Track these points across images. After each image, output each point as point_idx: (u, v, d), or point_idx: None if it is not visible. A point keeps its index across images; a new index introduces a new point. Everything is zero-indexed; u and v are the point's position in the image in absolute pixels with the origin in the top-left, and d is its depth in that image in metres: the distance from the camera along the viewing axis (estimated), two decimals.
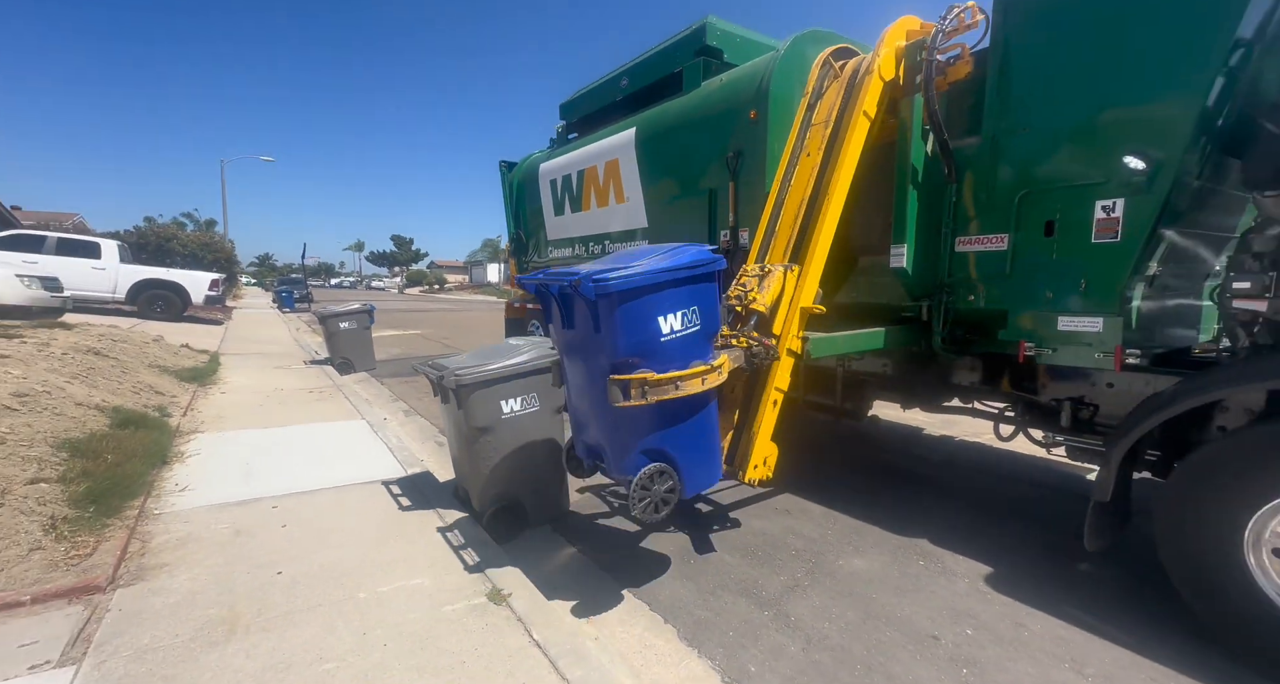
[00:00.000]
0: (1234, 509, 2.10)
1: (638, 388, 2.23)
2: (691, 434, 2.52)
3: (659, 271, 2.30)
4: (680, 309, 2.38)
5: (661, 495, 2.45)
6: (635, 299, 2.27)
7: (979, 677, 2.11)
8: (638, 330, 2.29)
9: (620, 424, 2.45)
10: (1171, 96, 2.42)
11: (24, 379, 4.45)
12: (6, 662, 1.97)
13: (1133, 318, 2.69)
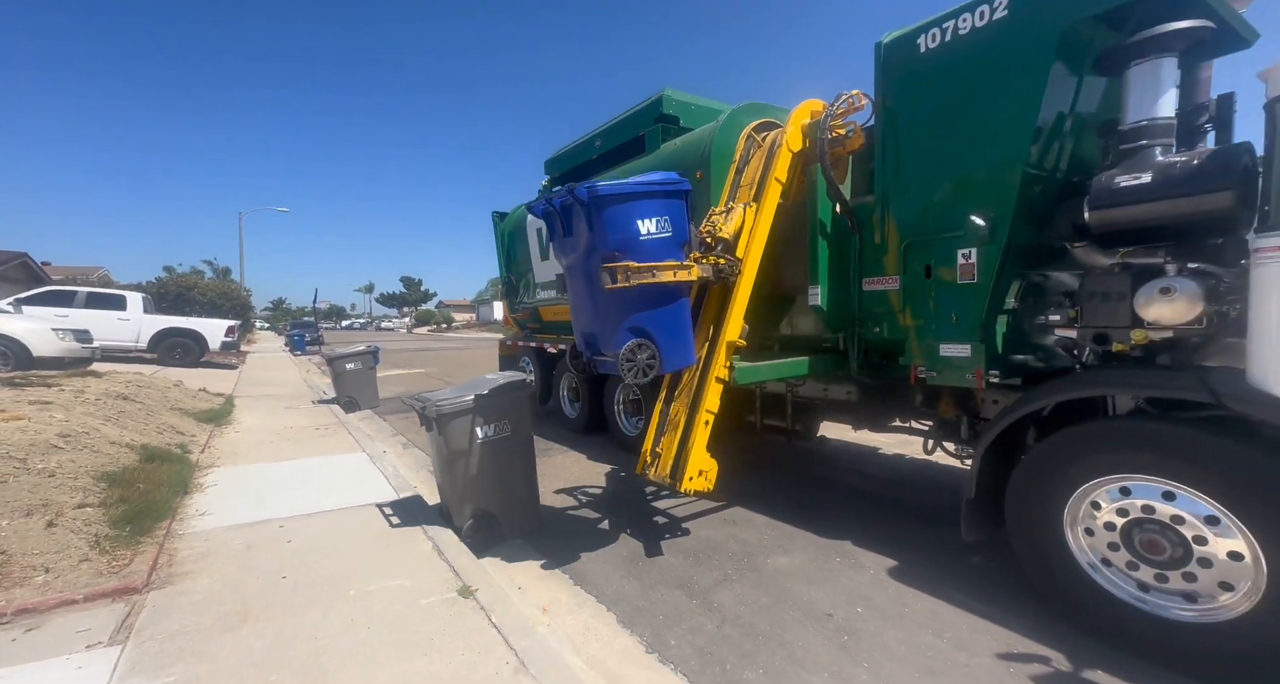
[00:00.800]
0: (1056, 497, 2.56)
1: (622, 273, 2.95)
2: (667, 319, 3.21)
3: (637, 184, 3.09)
4: (654, 216, 3.13)
5: (644, 363, 3.12)
6: (619, 203, 3.03)
7: (855, 641, 2.54)
8: (621, 228, 3.02)
9: (610, 308, 3.13)
10: (999, 169, 3.01)
11: (66, 422, 5.05)
12: (68, 642, 2.46)
13: (997, 344, 3.21)
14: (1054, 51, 2.77)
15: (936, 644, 2.53)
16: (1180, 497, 2.26)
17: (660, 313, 3.20)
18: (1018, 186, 2.95)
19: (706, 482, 3.46)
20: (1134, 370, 2.60)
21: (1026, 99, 2.89)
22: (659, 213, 3.17)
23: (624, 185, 3.11)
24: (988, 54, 3.02)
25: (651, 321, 3.17)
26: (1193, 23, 2.47)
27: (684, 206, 3.33)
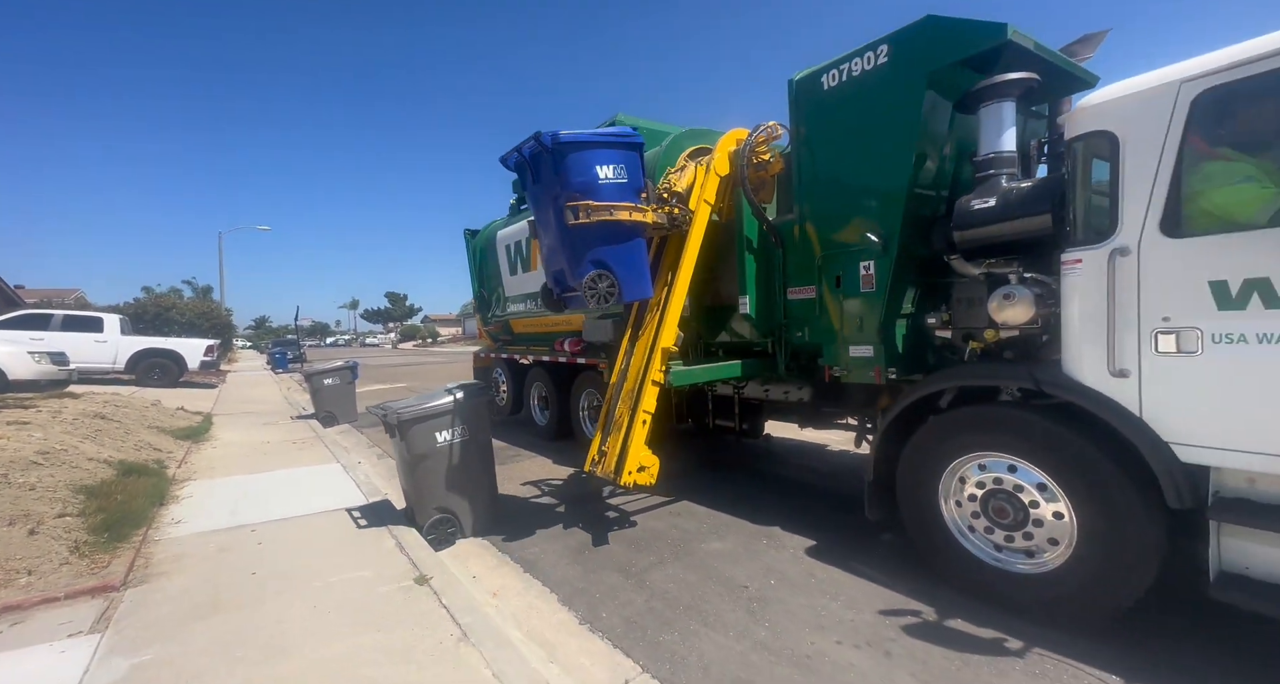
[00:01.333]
0: (932, 475, 2.96)
1: (584, 210, 3.49)
2: (625, 254, 3.76)
3: (596, 133, 3.67)
4: (612, 164, 3.70)
5: (604, 291, 3.63)
6: (580, 150, 3.62)
7: (763, 607, 2.90)
8: (582, 173, 3.59)
9: (574, 243, 3.65)
10: (887, 191, 3.44)
11: (45, 440, 5.26)
12: (52, 632, 2.72)
13: (896, 345, 3.62)
14: (923, 92, 3.21)
15: (831, 606, 2.90)
16: (1020, 469, 2.67)
17: (619, 248, 3.75)
18: (903, 207, 3.37)
19: (648, 476, 3.81)
20: (981, 365, 3.02)
21: (905, 132, 3.33)
22: (616, 161, 3.76)
23: (584, 134, 3.69)
24: (875, 93, 3.47)
25: (611, 255, 3.71)
26: (1020, 75, 2.92)
27: (638, 158, 3.92)
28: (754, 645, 2.61)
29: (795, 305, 4.18)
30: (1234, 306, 2.07)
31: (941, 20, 3.14)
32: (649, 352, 4.09)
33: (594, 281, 3.65)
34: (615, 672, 2.49)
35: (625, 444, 3.82)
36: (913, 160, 3.34)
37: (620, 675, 2.46)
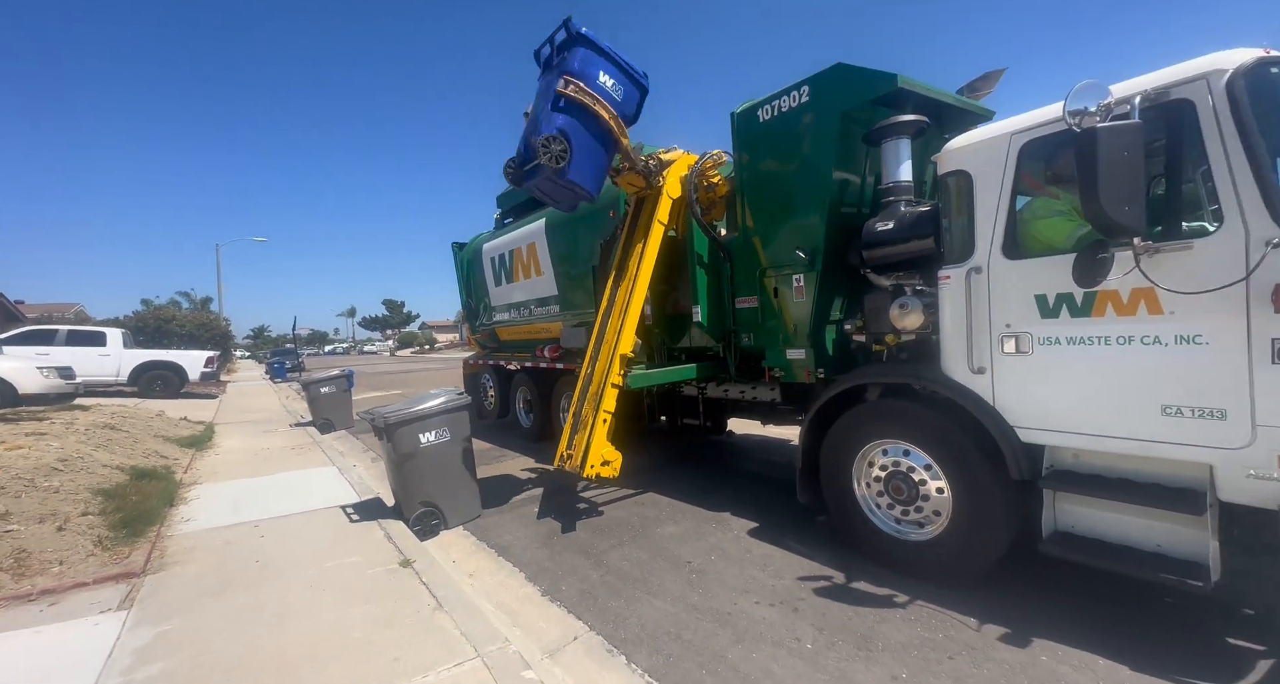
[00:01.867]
0: (846, 460, 3.42)
1: (574, 86, 4.00)
2: (588, 141, 4.14)
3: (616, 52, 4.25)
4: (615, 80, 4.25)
5: (557, 153, 3.98)
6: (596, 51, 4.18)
7: (701, 578, 3.36)
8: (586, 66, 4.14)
9: (553, 111, 4.02)
10: (811, 213, 3.91)
11: (62, 449, 5.70)
12: (85, 609, 3.17)
13: (826, 348, 4.08)
14: (838, 127, 3.69)
15: (759, 575, 3.35)
16: (912, 453, 3.13)
17: (586, 135, 4.15)
18: (825, 227, 3.85)
19: (611, 470, 4.26)
20: (880, 365, 3.49)
21: (825, 161, 3.81)
22: (619, 80, 4.25)
23: (607, 45, 4.19)
24: (799, 127, 3.94)
25: (575, 133, 4.07)
26: (910, 118, 3.40)
27: (638, 96, 4.44)
28: (686, 607, 3.06)
29: (742, 313, 4.64)
30: (1051, 315, 2.54)
31: (849, 68, 3.63)
32: (610, 358, 4.56)
33: (548, 142, 3.94)
34: (567, 631, 2.95)
35: (589, 441, 4.28)
36: (832, 185, 3.81)
37: (570, 633, 2.92)
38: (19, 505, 4.12)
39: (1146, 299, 2.28)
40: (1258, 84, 2.12)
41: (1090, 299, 2.44)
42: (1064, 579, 3.01)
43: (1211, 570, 2.19)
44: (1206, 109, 2.14)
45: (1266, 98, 2.14)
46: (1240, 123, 2.07)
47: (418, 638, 2.76)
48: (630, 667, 2.60)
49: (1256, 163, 2.04)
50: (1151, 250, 2.21)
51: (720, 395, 5.47)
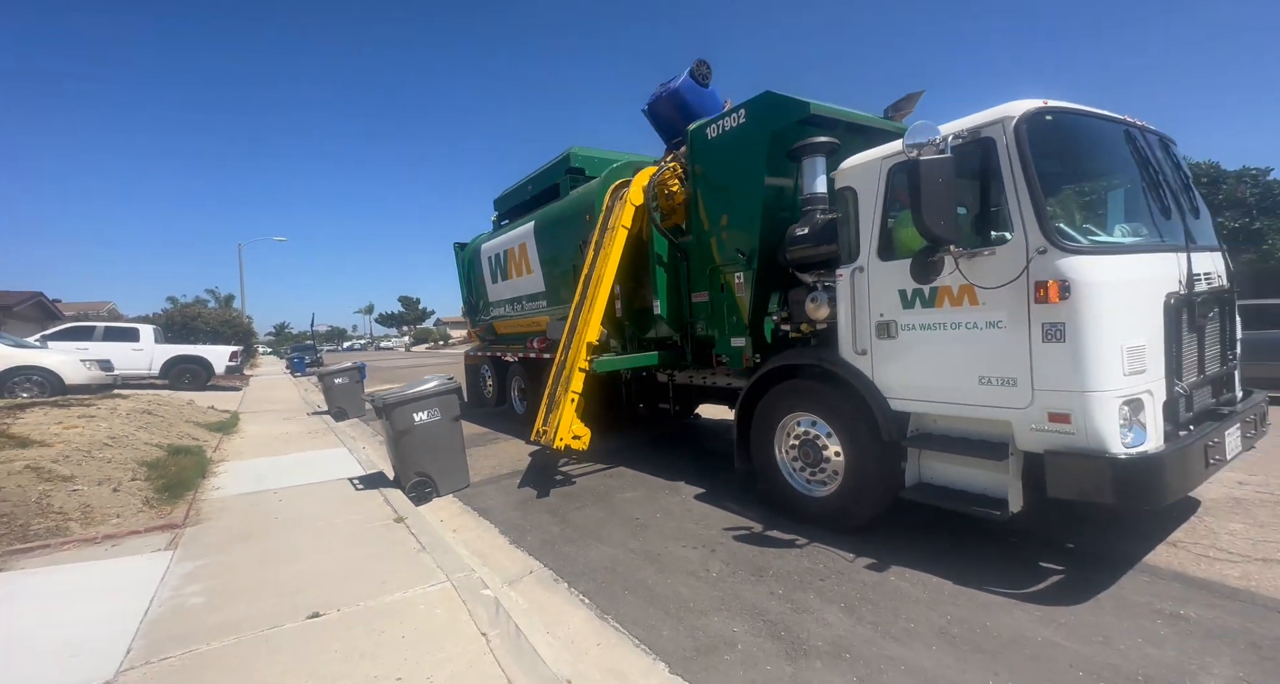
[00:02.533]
0: (770, 430, 4.01)
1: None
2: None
3: None
4: None
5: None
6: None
7: (644, 530, 3.98)
8: None
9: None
10: (747, 220, 4.48)
11: (110, 429, 6.51)
12: (140, 549, 3.90)
13: (764, 337, 4.66)
14: (767, 145, 4.26)
15: (692, 527, 3.97)
16: (818, 423, 3.71)
17: None
18: (759, 231, 4.42)
19: (580, 443, 4.92)
20: (797, 350, 4.06)
21: (758, 173, 4.38)
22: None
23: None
24: (738, 143, 4.52)
25: None
26: (821, 140, 3.94)
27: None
28: (626, 551, 3.69)
29: (696, 307, 5.23)
30: (909, 306, 3.11)
31: (775, 95, 4.19)
32: (579, 345, 5.20)
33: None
34: (525, 567, 3.60)
35: (560, 419, 4.94)
36: (764, 195, 4.39)
37: (527, 569, 3.57)
38: (82, 471, 4.89)
39: (968, 293, 2.84)
40: (1035, 127, 2.66)
41: (934, 293, 3.00)
42: (928, 521, 3.59)
43: (1010, 503, 2.76)
44: (1003, 145, 2.69)
45: (1040, 137, 2.69)
46: (1023, 156, 2.61)
47: (402, 569, 3.43)
48: (570, 591, 3.24)
49: (1031, 187, 2.59)
50: (967, 255, 2.76)
51: (686, 382, 6.08)
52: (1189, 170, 3.62)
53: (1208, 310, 2.96)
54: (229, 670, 2.43)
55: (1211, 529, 3.35)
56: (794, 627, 2.65)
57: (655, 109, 6.04)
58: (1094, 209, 3.31)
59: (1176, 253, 2.83)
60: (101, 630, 2.78)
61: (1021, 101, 2.73)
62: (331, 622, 2.81)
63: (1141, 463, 2.46)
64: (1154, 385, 2.63)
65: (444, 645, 2.55)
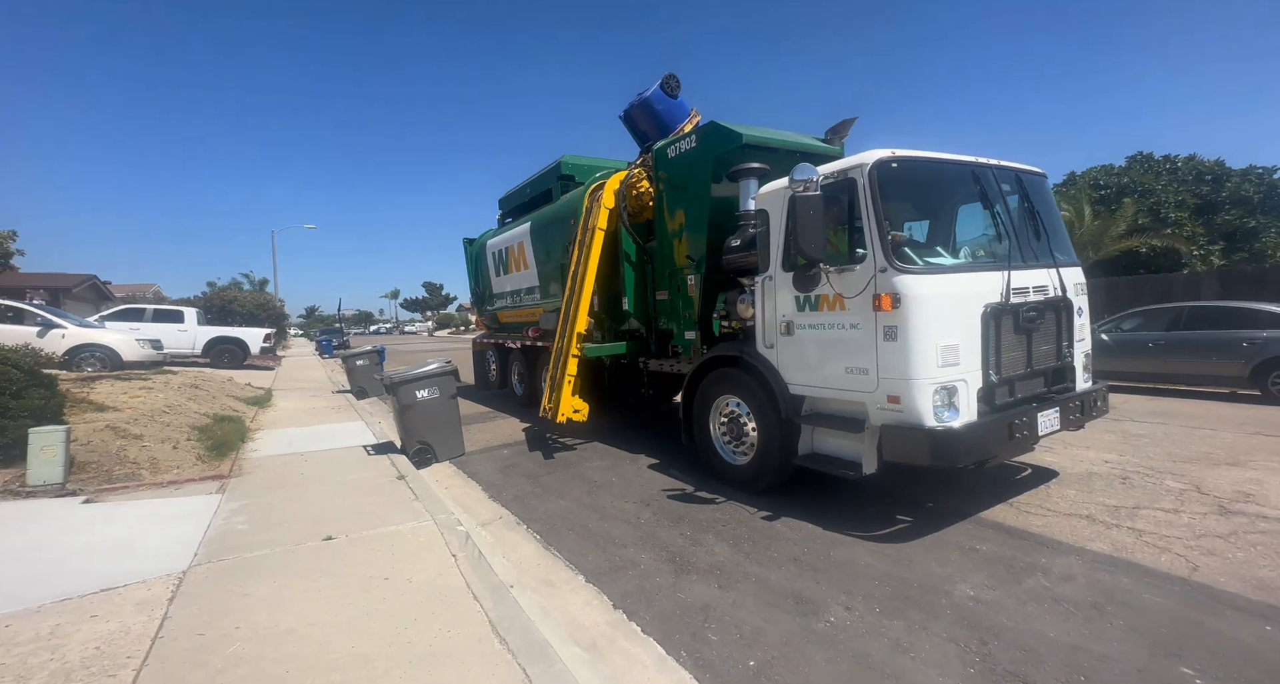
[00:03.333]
0: (707, 409, 4.78)
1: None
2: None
3: None
4: None
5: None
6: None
7: (598, 488, 4.82)
8: None
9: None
10: (697, 230, 5.21)
11: (165, 399, 7.62)
12: (198, 491, 4.89)
13: (713, 332, 5.39)
14: (711, 167, 4.97)
15: (638, 488, 4.79)
16: (741, 404, 4.47)
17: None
18: (705, 240, 5.15)
19: (580, 416, 5.88)
20: (728, 343, 4.80)
21: (705, 192, 5.10)
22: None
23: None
24: (690, 164, 5.23)
25: None
26: (753, 165, 4.61)
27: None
28: (579, 505, 4.53)
29: (660, 303, 6.00)
30: (802, 310, 3.83)
31: (717, 125, 4.89)
32: (571, 334, 6.02)
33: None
34: (496, 514, 4.47)
35: (560, 397, 5.82)
36: (710, 209, 5.11)
37: (498, 515, 4.44)
38: (148, 431, 5.95)
39: (839, 301, 3.55)
40: (884, 171, 3.35)
41: (818, 299, 3.71)
42: (824, 485, 4.34)
43: (864, 466, 3.50)
44: (861, 185, 3.37)
45: (889, 179, 3.38)
46: (874, 194, 3.30)
47: (398, 511, 4.33)
48: (528, 531, 4.09)
49: (878, 218, 3.28)
50: (836, 270, 3.48)
51: (657, 369, 6.86)
52: (1048, 199, 4.23)
53: (1036, 317, 3.62)
54: (265, 569, 3.34)
55: (1049, 494, 4.03)
56: (687, 555, 3.46)
57: (630, 115, 6.74)
58: (938, 235, 3.95)
59: (1001, 271, 3.49)
60: (175, 542, 3.74)
61: (876, 151, 3.41)
62: (340, 543, 3.71)
63: (947, 434, 3.17)
64: (969, 376, 3.32)
65: (422, 560, 3.43)
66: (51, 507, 4.31)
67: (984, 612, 2.63)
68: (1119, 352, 8.28)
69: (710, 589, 3.03)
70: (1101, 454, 4.86)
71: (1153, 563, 2.97)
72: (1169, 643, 2.33)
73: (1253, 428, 5.88)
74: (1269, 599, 2.60)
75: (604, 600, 3.01)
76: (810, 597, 2.87)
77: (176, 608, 2.85)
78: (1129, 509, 3.67)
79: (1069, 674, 2.18)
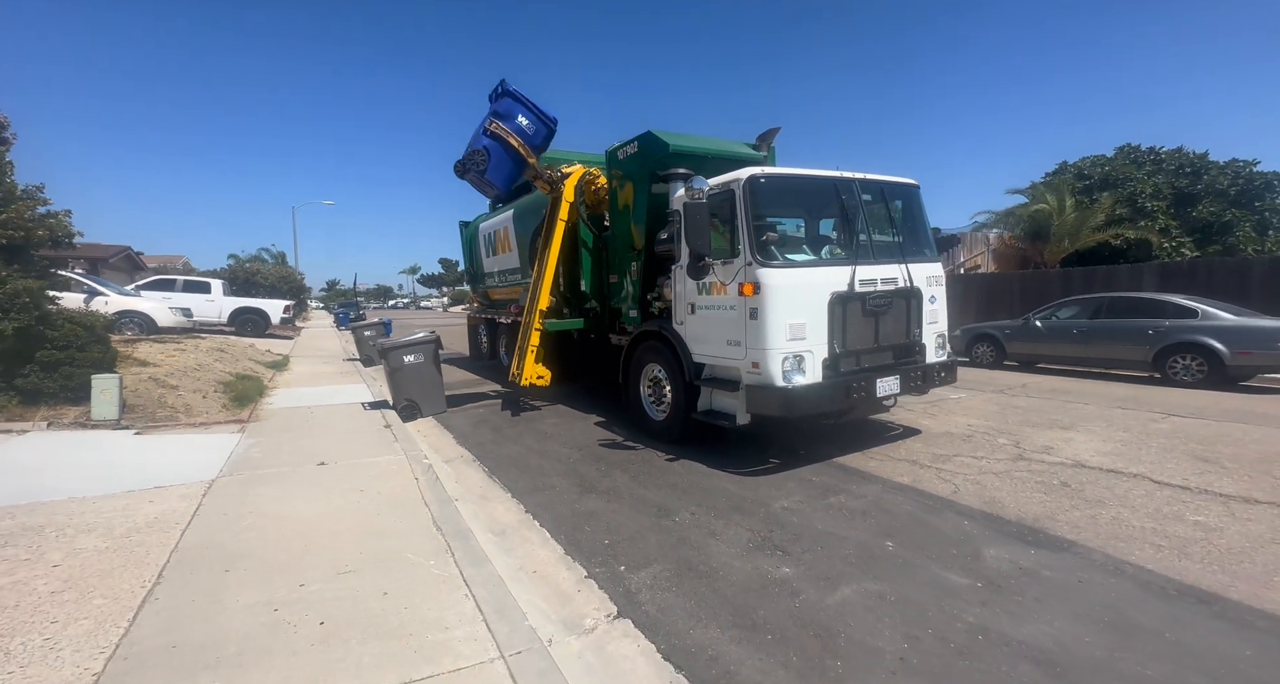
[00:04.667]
0: (637, 374, 5.73)
1: (496, 124, 6.70)
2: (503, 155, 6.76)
3: (532, 102, 6.86)
4: (530, 121, 6.87)
5: (479, 161, 6.74)
6: (517, 101, 6.90)
7: (546, 438, 5.83)
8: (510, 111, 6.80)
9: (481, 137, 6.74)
10: (638, 224, 6.07)
11: (196, 359, 8.80)
12: (223, 431, 6.01)
13: (652, 311, 6.30)
14: (649, 170, 5.79)
15: (579, 438, 5.79)
16: (661, 370, 5.40)
17: (502, 154, 6.66)
18: (644, 232, 6.01)
19: (543, 381, 6.83)
20: (654, 320, 5.70)
21: (643, 191, 5.94)
22: (533, 121, 6.72)
23: (528, 97, 6.67)
24: (632, 166, 6.06)
25: (494, 151, 6.63)
26: (679, 170, 5.41)
27: (546, 133, 6.91)
28: (526, 450, 5.54)
29: (612, 286, 6.89)
30: (699, 294, 4.71)
31: (652, 134, 5.71)
32: (534, 310, 6.98)
33: (474, 154, 6.61)
34: (459, 454, 5.51)
35: (524, 364, 6.81)
36: (648, 206, 5.95)
37: (460, 455, 5.47)
38: (182, 384, 7.10)
39: (722, 288, 4.43)
40: (754, 185, 4.20)
41: (710, 286, 4.59)
42: (723, 437, 5.28)
43: (738, 418, 4.42)
44: (737, 196, 4.22)
45: (759, 192, 4.22)
46: (745, 203, 4.16)
47: (380, 449, 5.39)
48: (480, 466, 5.12)
49: (748, 223, 4.14)
50: (720, 263, 4.35)
51: (617, 343, 7.79)
52: (915, 205, 5.02)
53: (883, 303, 4.46)
54: (272, 481, 4.41)
55: (900, 446, 4.93)
56: (594, 482, 4.45)
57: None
58: (808, 234, 4.77)
59: (850, 266, 4.32)
60: (205, 462, 4.84)
61: (749, 169, 4.24)
62: (330, 467, 4.78)
63: (793, 392, 4.07)
64: (815, 348, 4.20)
65: (391, 480, 4.47)
66: (111, 436, 5.46)
67: (785, 515, 3.57)
68: (1049, 337, 8.98)
69: (600, 502, 4.02)
70: (970, 420, 5.71)
71: (931, 489, 3.87)
72: (891, 530, 3.26)
73: (1117, 403, 6.63)
74: (987, 509, 3.50)
75: (520, 508, 4.02)
76: (669, 507, 3.84)
77: (208, 499, 3.93)
78: (948, 456, 4.56)
79: (811, 545, 3.13)
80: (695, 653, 2.32)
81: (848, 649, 2.26)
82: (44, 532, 3.22)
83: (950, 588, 2.65)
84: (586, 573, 3.02)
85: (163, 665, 2.13)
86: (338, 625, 2.45)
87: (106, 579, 2.72)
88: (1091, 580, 2.65)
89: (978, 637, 2.29)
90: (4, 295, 5.35)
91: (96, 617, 2.40)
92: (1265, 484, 3.78)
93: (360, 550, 3.20)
